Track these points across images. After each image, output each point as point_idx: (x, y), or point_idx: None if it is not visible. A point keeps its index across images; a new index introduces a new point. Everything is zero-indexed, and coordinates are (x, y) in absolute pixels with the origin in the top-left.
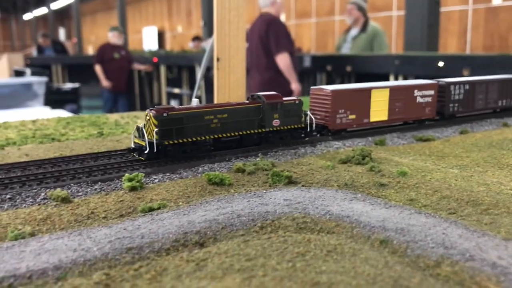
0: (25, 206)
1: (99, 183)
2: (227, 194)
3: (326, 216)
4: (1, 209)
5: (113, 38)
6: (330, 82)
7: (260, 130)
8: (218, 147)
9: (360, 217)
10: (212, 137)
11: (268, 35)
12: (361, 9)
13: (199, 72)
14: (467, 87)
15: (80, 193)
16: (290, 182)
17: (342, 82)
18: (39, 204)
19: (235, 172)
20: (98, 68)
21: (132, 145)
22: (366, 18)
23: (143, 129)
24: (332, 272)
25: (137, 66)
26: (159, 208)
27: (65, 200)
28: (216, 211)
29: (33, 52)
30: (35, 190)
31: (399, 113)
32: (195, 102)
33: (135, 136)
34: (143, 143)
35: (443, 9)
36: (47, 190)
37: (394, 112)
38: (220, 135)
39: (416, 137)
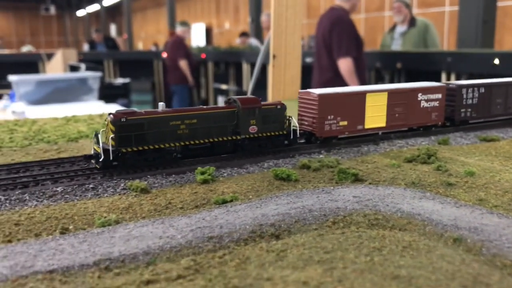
0: (107, 196)
1: (173, 175)
2: (295, 189)
3: (397, 214)
4: (86, 197)
5: (184, 32)
6: (379, 79)
7: (234, 137)
8: (186, 155)
9: (431, 215)
10: (178, 144)
11: (332, 35)
12: (407, 6)
13: (255, 69)
14: (482, 90)
15: (156, 185)
16: (357, 179)
17: (391, 80)
18: (119, 194)
19: (300, 169)
20: (185, 64)
21: (92, 152)
22: (412, 14)
23: (98, 136)
24: (411, 266)
25: None
26: (231, 201)
27: (144, 190)
28: (287, 205)
29: (85, 47)
30: (115, 181)
31: (399, 119)
32: (161, 106)
33: (95, 143)
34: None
35: (499, 3)
36: (126, 181)
37: (394, 118)
38: (187, 142)
39: (480, 137)
